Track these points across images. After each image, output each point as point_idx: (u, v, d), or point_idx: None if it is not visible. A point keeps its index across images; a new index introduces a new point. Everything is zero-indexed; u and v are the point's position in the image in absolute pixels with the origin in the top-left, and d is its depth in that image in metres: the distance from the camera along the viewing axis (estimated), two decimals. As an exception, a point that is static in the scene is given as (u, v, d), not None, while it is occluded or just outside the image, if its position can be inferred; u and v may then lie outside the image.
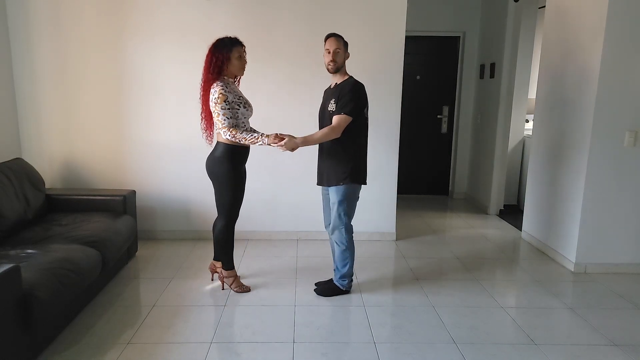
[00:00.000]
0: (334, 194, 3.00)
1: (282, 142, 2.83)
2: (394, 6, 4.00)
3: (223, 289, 3.22)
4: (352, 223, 3.09)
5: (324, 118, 3.04)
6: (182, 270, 3.57)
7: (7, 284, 2.07)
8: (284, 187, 4.23)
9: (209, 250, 3.93)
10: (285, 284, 3.34)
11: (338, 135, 2.88)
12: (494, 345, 2.59)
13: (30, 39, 3.89)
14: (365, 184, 3.08)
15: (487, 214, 5.40)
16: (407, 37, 4.12)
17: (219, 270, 3.25)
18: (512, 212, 5.38)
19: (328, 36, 3.03)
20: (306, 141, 2.88)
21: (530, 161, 4.47)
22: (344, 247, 3.07)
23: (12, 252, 2.65)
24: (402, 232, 4.55)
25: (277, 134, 2.86)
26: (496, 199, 5.38)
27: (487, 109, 5.53)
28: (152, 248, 4.04)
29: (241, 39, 3.01)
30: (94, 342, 2.56)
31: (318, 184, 3.13)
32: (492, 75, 5.38)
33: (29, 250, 2.67)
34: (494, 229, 4.84)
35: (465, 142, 6.10)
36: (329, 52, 2.97)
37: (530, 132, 4.97)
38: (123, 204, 3.60)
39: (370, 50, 4.05)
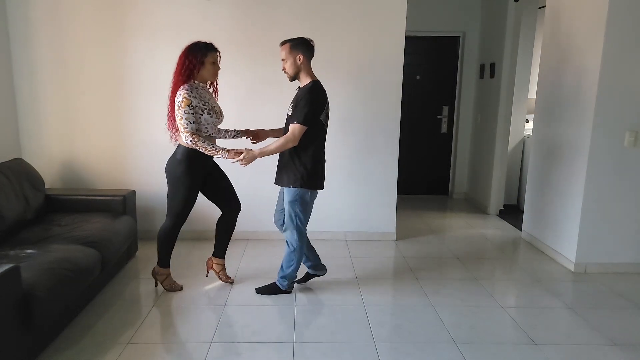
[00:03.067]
0: (286, 194, 3.00)
1: (241, 157, 2.87)
2: (394, 6, 4.00)
3: (156, 286, 3.24)
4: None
5: (286, 121, 3.03)
6: (182, 270, 3.57)
7: (7, 284, 2.07)
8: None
9: (208, 250, 3.91)
10: (285, 284, 3.34)
11: (295, 144, 2.85)
12: (493, 345, 2.59)
13: (30, 39, 3.89)
14: (320, 189, 3.04)
15: (487, 214, 5.40)
16: (407, 37, 4.12)
17: (214, 266, 3.29)
18: (512, 212, 5.38)
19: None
20: (263, 152, 2.89)
21: (530, 161, 4.47)
22: (292, 249, 3.06)
23: (12, 252, 2.65)
24: (402, 232, 4.54)
25: (235, 150, 2.90)
26: (496, 199, 5.38)
27: (487, 109, 5.53)
28: (152, 248, 4.02)
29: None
30: (94, 342, 2.56)
31: (275, 182, 3.10)
32: (492, 75, 5.38)
33: (29, 250, 2.67)
34: (494, 229, 4.84)
35: (465, 142, 6.10)
36: None
37: (530, 132, 4.97)
38: (123, 204, 3.60)
39: (370, 50, 4.05)
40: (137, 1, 3.90)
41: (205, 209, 4.17)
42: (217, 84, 3.12)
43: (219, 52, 3.00)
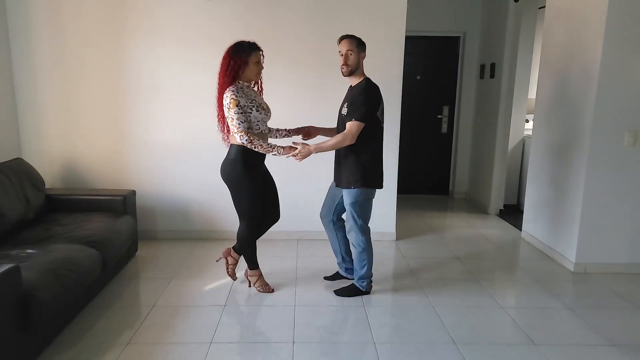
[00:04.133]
0: (346, 195, 3.00)
1: (296, 152, 2.84)
2: (394, 6, 4.00)
3: (249, 286, 3.25)
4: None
5: (338, 121, 3.06)
6: (182, 270, 3.57)
7: (7, 284, 2.07)
8: (284, 188, 4.18)
9: (209, 250, 3.93)
10: (285, 284, 3.34)
11: (352, 142, 2.85)
12: (493, 345, 2.60)
13: (30, 39, 3.89)
14: (379, 187, 3.05)
15: (487, 214, 5.39)
16: (407, 37, 4.11)
17: (229, 259, 3.27)
18: (512, 212, 5.38)
19: (341, 38, 2.95)
20: (319, 148, 2.87)
21: (530, 161, 4.47)
22: (361, 249, 3.06)
23: (13, 252, 2.65)
24: (402, 232, 4.54)
25: (290, 146, 2.89)
26: (496, 199, 5.37)
27: (487, 109, 5.53)
28: (152, 248, 4.04)
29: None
30: (93, 343, 2.56)
31: (336, 185, 3.11)
32: (492, 75, 5.38)
33: (29, 250, 2.67)
34: (494, 229, 4.84)
35: (465, 142, 6.10)
36: (342, 55, 2.92)
37: (530, 132, 4.97)
38: (123, 204, 3.60)
39: (370, 50, 4.02)
40: (138, 1, 3.90)
41: (205, 209, 4.19)
42: (261, 83, 3.11)
43: (262, 51, 2.98)
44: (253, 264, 3.22)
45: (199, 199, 4.18)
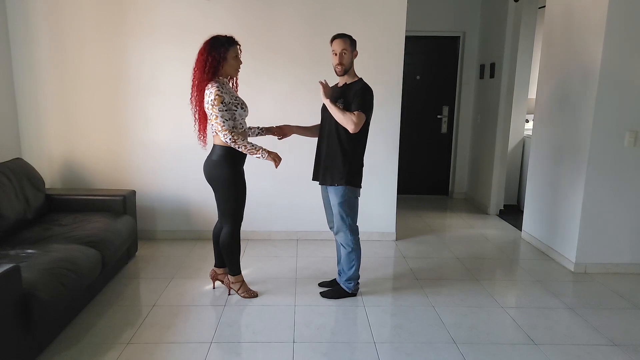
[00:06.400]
0: (333, 195, 2.98)
1: (277, 165, 2.86)
2: (394, 6, 4.00)
3: (229, 294, 3.18)
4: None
5: (325, 118, 3.01)
6: (182, 270, 3.57)
7: (7, 284, 2.07)
8: (284, 187, 4.23)
9: (208, 250, 3.93)
10: (285, 284, 3.34)
11: (354, 130, 2.80)
12: (493, 345, 2.60)
13: (30, 39, 3.89)
14: (360, 187, 3.02)
15: (487, 214, 5.40)
16: (407, 37, 4.12)
17: (220, 277, 3.22)
18: (512, 212, 5.38)
19: (334, 37, 2.92)
20: (329, 106, 2.85)
21: (530, 161, 4.47)
22: (350, 249, 3.04)
23: (12, 252, 2.65)
24: (402, 232, 4.55)
25: (277, 154, 2.87)
26: (496, 199, 5.38)
27: (487, 109, 5.53)
28: (152, 248, 4.04)
29: (240, 37, 2.97)
30: (94, 342, 2.56)
31: (313, 178, 3.09)
32: (492, 75, 5.38)
33: (29, 250, 2.67)
34: (494, 229, 4.84)
35: (465, 142, 6.11)
36: (336, 54, 2.89)
37: (530, 132, 4.98)
38: (123, 204, 3.60)
39: (370, 50, 4.05)
40: (137, 2, 3.90)
41: (205, 209, 4.19)
42: (237, 79, 3.02)
43: (240, 45, 2.90)
44: (236, 270, 3.11)
45: (198, 199, 4.18)
